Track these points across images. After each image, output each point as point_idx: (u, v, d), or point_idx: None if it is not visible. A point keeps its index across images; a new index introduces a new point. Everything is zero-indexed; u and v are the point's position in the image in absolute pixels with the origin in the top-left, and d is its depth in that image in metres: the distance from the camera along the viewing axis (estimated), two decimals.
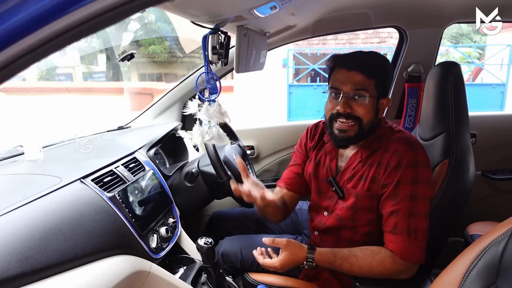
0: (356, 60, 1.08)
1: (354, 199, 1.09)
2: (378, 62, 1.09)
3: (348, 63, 1.06)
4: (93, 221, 0.88)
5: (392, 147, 1.05)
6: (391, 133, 1.11)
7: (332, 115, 1.08)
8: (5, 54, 0.39)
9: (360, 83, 1.03)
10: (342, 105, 1.05)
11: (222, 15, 1.01)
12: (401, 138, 1.08)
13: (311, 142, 1.27)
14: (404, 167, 1.01)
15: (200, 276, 1.19)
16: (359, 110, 1.05)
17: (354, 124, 1.06)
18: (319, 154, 1.23)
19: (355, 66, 1.05)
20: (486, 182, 1.90)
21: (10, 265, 0.67)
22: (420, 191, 1.01)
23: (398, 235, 1.00)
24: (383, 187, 1.04)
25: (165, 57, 8.82)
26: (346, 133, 1.07)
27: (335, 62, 1.10)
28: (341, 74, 1.06)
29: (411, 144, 1.05)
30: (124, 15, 0.41)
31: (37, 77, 6.69)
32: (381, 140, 1.09)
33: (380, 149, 1.08)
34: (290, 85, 7.04)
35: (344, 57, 1.10)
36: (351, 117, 1.05)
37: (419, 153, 1.04)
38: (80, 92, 6.86)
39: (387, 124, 1.14)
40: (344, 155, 1.17)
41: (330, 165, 1.18)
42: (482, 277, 0.69)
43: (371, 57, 1.11)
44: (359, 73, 1.04)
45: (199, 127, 1.10)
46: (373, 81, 1.05)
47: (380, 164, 1.05)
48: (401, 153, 1.03)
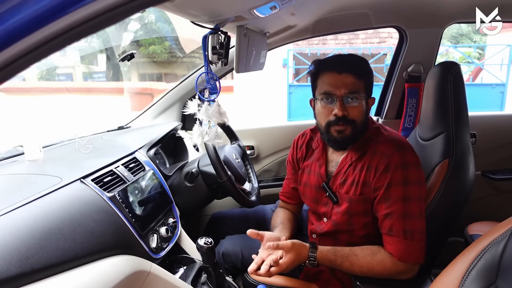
0: (343, 62, 1.07)
1: (348, 204, 1.08)
2: (362, 63, 1.09)
3: (337, 66, 1.05)
4: (93, 221, 0.88)
5: (380, 150, 1.05)
6: (378, 135, 1.10)
7: (330, 122, 1.06)
8: (5, 54, 0.39)
9: (352, 84, 1.03)
10: (340, 108, 1.03)
11: (222, 15, 1.01)
12: (388, 140, 1.07)
13: (299, 153, 1.27)
14: (393, 169, 1.00)
15: (200, 276, 1.19)
16: (354, 112, 1.04)
17: (349, 127, 1.05)
18: (309, 163, 1.23)
19: (344, 69, 1.04)
20: (486, 182, 1.90)
21: (10, 265, 0.67)
22: (412, 192, 1.00)
23: (395, 237, 1.00)
24: (374, 190, 1.04)
25: (165, 57, 8.82)
26: (343, 133, 1.06)
27: (321, 67, 1.09)
28: (332, 77, 1.04)
29: (399, 145, 1.04)
30: (124, 15, 0.41)
31: (37, 77, 6.70)
32: (369, 142, 1.09)
33: (368, 151, 1.07)
34: (290, 85, 7.04)
35: (330, 61, 1.09)
36: (347, 121, 1.04)
37: (407, 154, 1.03)
38: (80, 92, 6.87)
39: (374, 125, 1.13)
40: (334, 160, 1.16)
41: (319, 171, 1.17)
42: (482, 277, 0.69)
43: (355, 59, 1.10)
44: (350, 75, 1.03)
45: (199, 127, 1.10)
46: (363, 82, 1.05)
47: (370, 168, 1.05)
48: (388, 155, 1.02)
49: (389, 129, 1.14)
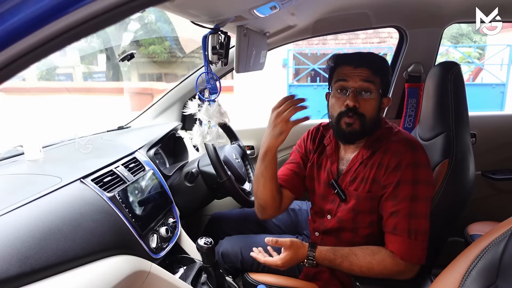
0: (361, 57, 1.08)
1: (355, 201, 1.08)
2: (380, 60, 1.10)
3: (354, 61, 1.06)
4: (93, 221, 0.88)
5: (392, 148, 1.05)
6: (390, 134, 1.11)
7: (341, 113, 1.06)
8: (5, 54, 0.39)
9: (367, 78, 1.04)
10: (352, 99, 1.03)
11: (222, 15, 1.01)
12: (401, 139, 1.08)
13: (311, 145, 1.26)
14: (404, 167, 1.01)
15: (200, 276, 1.19)
16: (365, 106, 1.04)
17: (357, 120, 1.05)
18: (320, 158, 1.22)
19: (361, 63, 1.05)
20: (486, 182, 1.90)
21: (10, 265, 0.67)
22: (420, 191, 1.00)
23: (398, 236, 1.00)
24: (383, 188, 1.04)
25: (165, 57, 8.82)
26: (352, 127, 1.06)
27: (338, 60, 1.10)
28: (348, 70, 1.06)
29: (411, 144, 1.05)
30: (124, 15, 0.41)
31: (37, 77, 6.69)
32: (381, 141, 1.09)
33: (380, 150, 1.08)
34: (290, 85, 7.04)
35: (348, 55, 1.10)
36: (356, 113, 1.05)
37: (419, 154, 1.03)
38: (80, 92, 6.86)
39: (387, 125, 1.14)
40: (345, 158, 1.16)
41: (331, 168, 1.17)
42: (482, 277, 0.69)
43: (373, 56, 1.11)
44: (365, 69, 1.04)
45: (199, 127, 1.10)
46: (379, 78, 1.05)
47: (380, 165, 1.05)
48: (400, 154, 1.02)
49: (401, 129, 1.14)
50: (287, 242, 1.04)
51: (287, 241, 1.04)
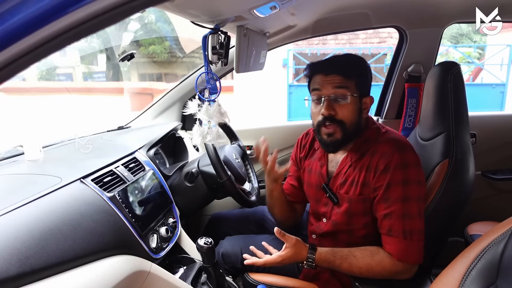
0: (332, 64, 1.09)
1: (348, 204, 1.08)
2: (355, 63, 1.10)
3: (325, 68, 1.07)
4: (93, 221, 0.88)
5: (380, 150, 1.05)
6: (378, 135, 1.10)
7: (319, 122, 1.08)
8: (5, 54, 0.39)
9: (339, 84, 1.04)
10: (326, 108, 1.04)
11: (222, 15, 1.01)
12: (389, 140, 1.07)
13: (301, 152, 1.29)
14: (393, 169, 1.00)
15: (200, 276, 1.19)
16: (343, 112, 1.05)
17: (338, 127, 1.06)
18: (311, 162, 1.24)
19: (332, 70, 1.05)
20: (486, 182, 1.90)
21: (10, 265, 0.67)
22: (411, 192, 1.00)
23: (394, 237, 1.00)
24: (374, 190, 1.04)
25: (165, 57, 8.82)
26: (333, 136, 1.07)
27: (312, 69, 1.11)
28: (320, 78, 1.07)
29: (399, 145, 1.04)
30: (124, 15, 0.41)
31: (37, 77, 6.69)
32: (369, 143, 1.09)
33: (368, 151, 1.07)
34: (290, 85, 7.04)
35: (319, 64, 1.11)
36: (334, 121, 1.05)
37: (407, 154, 1.03)
38: (80, 92, 6.86)
39: (375, 125, 1.13)
40: (334, 160, 1.16)
41: (321, 171, 1.17)
42: (482, 277, 0.69)
43: (347, 59, 1.12)
44: (336, 75, 1.04)
45: (199, 127, 1.10)
46: (353, 81, 1.05)
47: (369, 168, 1.05)
48: (388, 155, 1.02)
49: (389, 129, 1.13)
50: (293, 239, 1.05)
51: (293, 239, 1.05)
